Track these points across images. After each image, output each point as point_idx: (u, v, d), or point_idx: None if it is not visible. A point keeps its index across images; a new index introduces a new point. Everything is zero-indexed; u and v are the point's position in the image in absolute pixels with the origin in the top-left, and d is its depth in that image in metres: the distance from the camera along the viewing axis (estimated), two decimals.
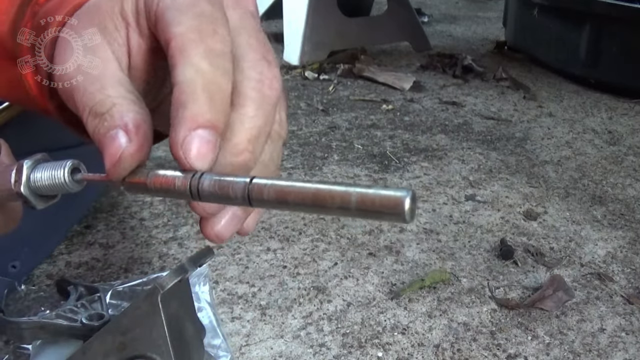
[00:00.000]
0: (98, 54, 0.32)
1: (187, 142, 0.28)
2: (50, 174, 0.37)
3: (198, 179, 0.31)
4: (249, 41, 0.31)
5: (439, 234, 0.85)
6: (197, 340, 0.55)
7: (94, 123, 0.31)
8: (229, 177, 0.31)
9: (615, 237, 0.88)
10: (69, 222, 0.78)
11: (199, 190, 0.31)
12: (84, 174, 0.37)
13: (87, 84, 0.31)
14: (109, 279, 0.70)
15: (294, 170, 1.01)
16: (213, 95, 0.28)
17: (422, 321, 0.68)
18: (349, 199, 0.27)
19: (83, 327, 0.53)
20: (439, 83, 1.55)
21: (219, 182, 0.30)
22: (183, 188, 0.31)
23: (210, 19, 0.29)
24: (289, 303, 0.69)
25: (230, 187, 0.30)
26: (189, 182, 0.31)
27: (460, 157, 1.11)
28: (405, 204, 0.25)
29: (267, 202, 0.30)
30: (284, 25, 1.67)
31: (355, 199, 0.27)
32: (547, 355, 0.64)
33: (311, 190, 0.28)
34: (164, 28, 0.30)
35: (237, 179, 0.30)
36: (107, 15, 0.33)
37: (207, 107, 0.28)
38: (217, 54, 0.29)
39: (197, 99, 0.28)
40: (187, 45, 0.28)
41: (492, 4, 2.65)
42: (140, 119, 0.30)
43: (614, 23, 1.48)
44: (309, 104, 1.34)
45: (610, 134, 1.28)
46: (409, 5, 1.77)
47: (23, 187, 0.37)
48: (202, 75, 0.28)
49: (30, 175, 0.37)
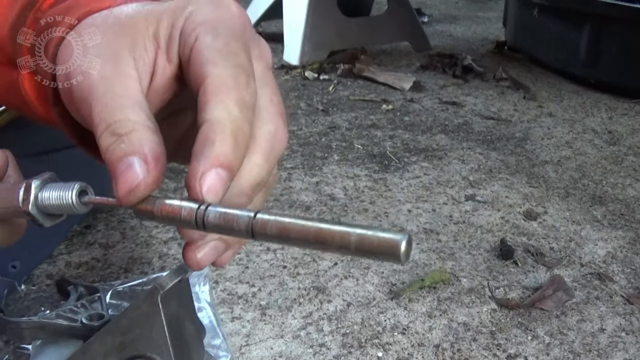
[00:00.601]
0: (122, 69, 0.33)
1: (204, 177, 0.30)
2: (58, 195, 0.38)
3: (204, 210, 0.32)
4: (271, 97, 0.35)
5: (439, 234, 0.85)
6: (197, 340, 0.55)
7: (109, 141, 0.32)
8: (234, 211, 0.32)
9: (615, 237, 0.88)
10: (69, 222, 0.78)
11: (204, 222, 0.32)
12: (91, 196, 0.38)
13: (108, 98, 0.32)
14: (109, 279, 0.70)
15: (294, 170, 1.01)
16: (238, 141, 0.31)
17: (422, 321, 0.68)
18: (348, 239, 0.29)
19: (83, 327, 0.53)
20: (439, 83, 1.55)
21: (224, 215, 0.32)
22: (189, 218, 0.33)
23: (246, 72, 0.32)
24: (289, 303, 0.69)
25: (234, 220, 0.32)
26: (194, 214, 0.32)
27: (460, 157, 1.11)
28: (401, 248, 0.27)
29: (269, 237, 0.31)
30: (284, 25, 1.67)
31: (355, 240, 0.28)
32: (547, 355, 0.64)
33: (313, 229, 0.30)
34: (201, 65, 0.32)
35: (241, 212, 0.32)
36: (140, 34, 0.34)
37: (231, 150, 0.30)
38: (247, 104, 0.32)
39: (225, 140, 0.30)
40: (222, 89, 0.31)
41: (492, 4, 2.65)
42: (160, 151, 0.32)
43: (614, 23, 1.48)
44: (309, 104, 1.34)
45: (610, 134, 1.28)
46: (409, 5, 1.77)
47: (31, 206, 0.38)
48: (233, 121, 0.30)
49: (38, 194, 0.38)
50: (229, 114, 0.31)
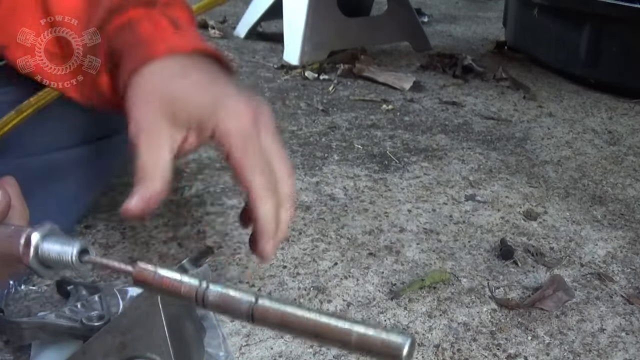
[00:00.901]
0: (159, 138, 0.50)
1: (267, 250, 0.52)
2: (58, 250, 0.38)
3: (204, 290, 0.33)
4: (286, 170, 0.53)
5: (439, 234, 0.85)
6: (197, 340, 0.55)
7: (141, 176, 0.49)
8: (234, 293, 0.33)
9: (615, 237, 0.88)
10: (69, 222, 0.78)
11: (204, 300, 0.33)
12: (92, 256, 0.39)
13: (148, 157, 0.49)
14: (109, 279, 0.70)
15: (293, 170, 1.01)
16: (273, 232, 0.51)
17: (422, 321, 0.68)
18: (349, 337, 0.28)
19: (83, 327, 0.53)
20: (439, 83, 1.55)
21: (225, 297, 0.33)
22: (189, 295, 0.34)
23: (272, 180, 0.51)
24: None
25: (235, 303, 0.32)
26: (195, 292, 0.33)
27: (460, 157, 1.11)
28: (403, 351, 0.26)
29: (269, 324, 0.32)
30: (284, 25, 1.67)
31: (355, 339, 0.28)
32: (547, 355, 0.64)
33: (313, 322, 0.30)
34: (242, 173, 0.49)
35: (242, 296, 0.33)
36: (178, 117, 0.50)
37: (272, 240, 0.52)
38: (279, 204, 0.52)
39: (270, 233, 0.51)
40: (263, 197, 0.50)
41: (492, 4, 2.66)
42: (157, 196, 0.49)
43: (614, 23, 1.48)
44: (309, 104, 1.34)
45: (610, 134, 1.28)
46: (409, 5, 1.77)
47: (31, 259, 0.38)
48: (273, 219, 0.51)
49: (39, 247, 0.38)
50: (269, 212, 0.50)
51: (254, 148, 0.49)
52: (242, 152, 0.49)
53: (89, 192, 0.74)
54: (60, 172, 0.69)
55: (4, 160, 0.63)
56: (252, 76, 1.50)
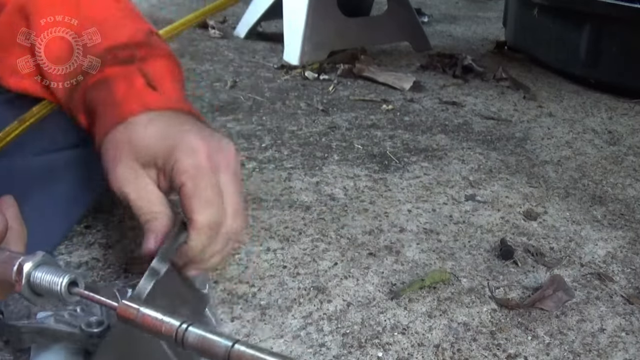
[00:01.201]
0: (142, 180, 0.53)
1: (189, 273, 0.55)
2: (49, 280, 0.40)
3: (184, 331, 0.35)
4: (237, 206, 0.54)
5: (439, 234, 0.85)
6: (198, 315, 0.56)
7: (145, 219, 0.53)
8: (213, 336, 0.34)
9: (615, 237, 0.88)
10: (69, 222, 0.78)
11: (183, 341, 0.35)
12: (81, 289, 0.42)
13: (139, 198, 0.53)
14: (109, 279, 0.70)
15: (293, 170, 1.01)
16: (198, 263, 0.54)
17: (422, 321, 0.68)
18: None
19: (82, 333, 0.53)
20: (439, 83, 1.55)
21: (203, 339, 0.35)
22: (168, 334, 0.36)
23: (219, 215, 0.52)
24: (289, 303, 0.69)
25: (213, 346, 0.34)
26: (175, 332, 0.35)
27: (460, 157, 1.11)
28: None
29: None
30: (284, 25, 1.67)
31: None
32: (547, 355, 0.64)
33: None
34: (188, 209, 0.51)
35: (220, 339, 0.34)
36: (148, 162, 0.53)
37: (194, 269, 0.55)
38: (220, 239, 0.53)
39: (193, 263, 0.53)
40: (198, 230, 0.51)
41: (492, 4, 2.65)
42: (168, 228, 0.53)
43: (614, 23, 1.48)
44: (309, 104, 1.34)
45: (610, 134, 1.28)
46: (409, 5, 1.77)
47: (23, 288, 0.40)
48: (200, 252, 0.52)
49: (30, 276, 0.40)
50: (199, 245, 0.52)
51: (206, 183, 0.50)
52: (193, 187, 0.50)
53: (89, 192, 0.74)
54: (59, 172, 0.69)
55: (3, 161, 0.63)
56: (252, 76, 1.50)
